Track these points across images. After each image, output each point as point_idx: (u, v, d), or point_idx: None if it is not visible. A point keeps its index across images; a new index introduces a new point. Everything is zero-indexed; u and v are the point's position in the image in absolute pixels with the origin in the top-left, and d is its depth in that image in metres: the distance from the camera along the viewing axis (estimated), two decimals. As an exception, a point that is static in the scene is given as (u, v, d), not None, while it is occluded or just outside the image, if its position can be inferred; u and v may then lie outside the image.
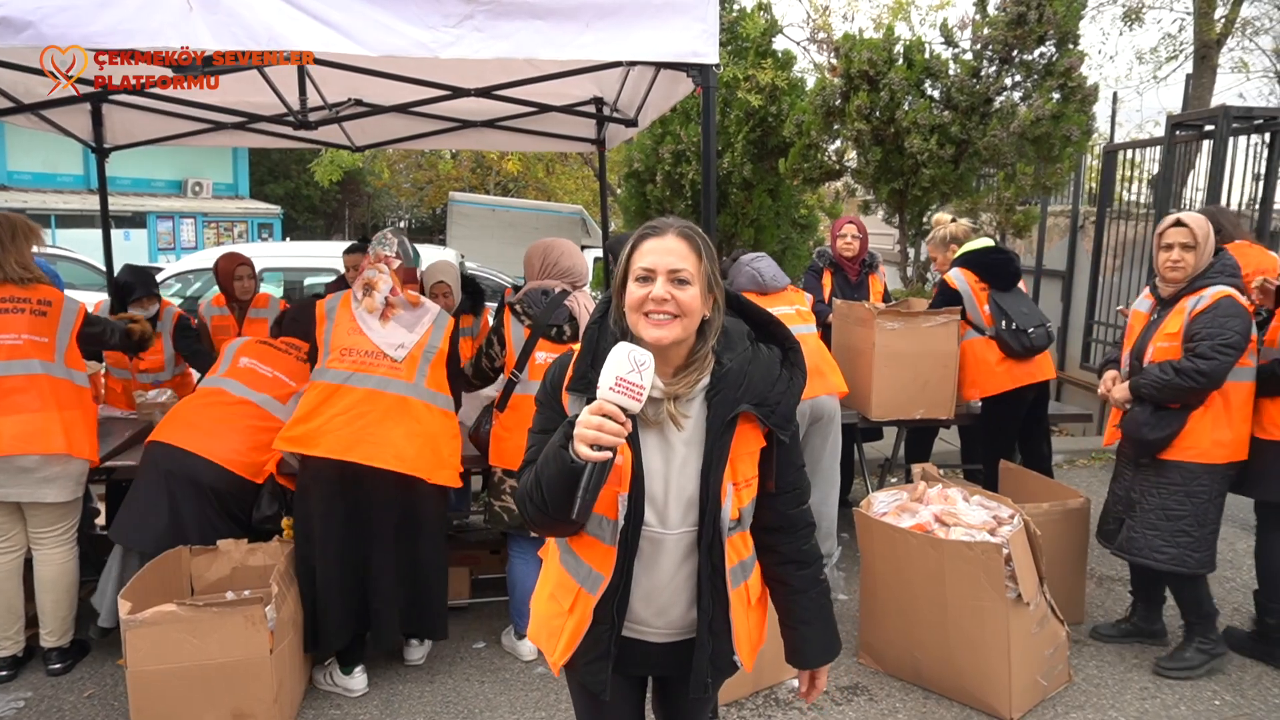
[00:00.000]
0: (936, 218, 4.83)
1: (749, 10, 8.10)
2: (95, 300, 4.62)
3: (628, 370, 1.44)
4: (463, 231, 14.16)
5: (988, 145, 6.26)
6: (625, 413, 1.43)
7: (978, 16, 6.70)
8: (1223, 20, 11.96)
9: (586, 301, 3.33)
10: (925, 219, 7.19)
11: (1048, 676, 3.17)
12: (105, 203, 5.18)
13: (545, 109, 4.74)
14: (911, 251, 7.49)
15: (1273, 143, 6.33)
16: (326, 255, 7.93)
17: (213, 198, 20.07)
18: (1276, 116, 6.36)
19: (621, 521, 1.59)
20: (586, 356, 1.61)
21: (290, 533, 3.21)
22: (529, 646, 3.46)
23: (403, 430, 3.03)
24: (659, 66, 3.34)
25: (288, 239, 18.30)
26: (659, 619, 1.69)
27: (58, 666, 3.32)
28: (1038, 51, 6.45)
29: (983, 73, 6.51)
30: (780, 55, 7.99)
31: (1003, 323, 4.24)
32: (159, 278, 5.83)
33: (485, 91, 4.32)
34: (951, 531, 3.11)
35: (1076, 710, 3.14)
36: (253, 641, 2.78)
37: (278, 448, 3.12)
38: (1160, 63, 16.17)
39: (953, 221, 4.66)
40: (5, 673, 3.26)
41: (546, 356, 3.22)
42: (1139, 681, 3.33)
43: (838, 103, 6.70)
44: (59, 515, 3.30)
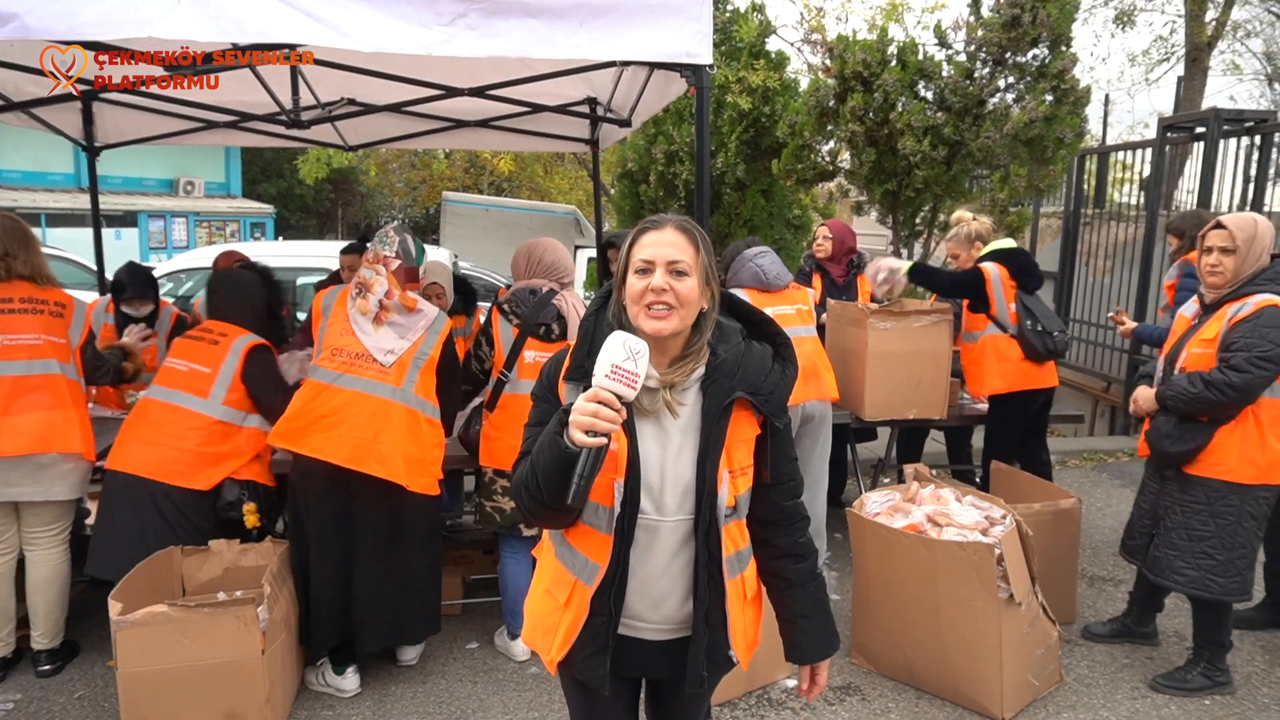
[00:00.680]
0: (957, 215, 4.71)
1: (743, 11, 8.11)
2: (88, 300, 4.59)
3: (623, 358, 1.47)
4: (456, 231, 14.11)
5: (981, 147, 6.27)
6: (620, 400, 1.46)
7: (971, 18, 6.71)
8: (1214, 23, 12.04)
9: (574, 300, 3.32)
10: (918, 220, 7.20)
11: (1039, 676, 3.18)
12: (96, 201, 5.16)
13: (539, 109, 4.74)
14: (904, 252, 7.50)
15: (1263, 145, 6.36)
16: (319, 255, 7.90)
17: (205, 197, 19.96)
18: (1267, 119, 6.40)
19: (618, 509, 1.60)
20: (583, 346, 1.64)
21: (254, 519, 3.22)
22: (522, 647, 3.46)
23: (388, 435, 2.99)
24: (653, 67, 3.34)
25: (280, 238, 18.22)
26: (655, 612, 1.69)
27: (48, 668, 3.30)
28: (1031, 53, 6.46)
29: (976, 74, 6.52)
30: (774, 56, 8.00)
31: (1028, 322, 4.20)
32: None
33: (479, 91, 4.31)
34: (944, 532, 3.12)
35: (1068, 710, 3.15)
36: (244, 642, 2.77)
37: (271, 443, 3.12)
38: (1152, 65, 16.29)
39: (974, 220, 4.56)
40: None
41: (535, 356, 3.21)
42: (1130, 681, 3.34)
43: (831, 104, 6.71)
44: (57, 515, 3.30)
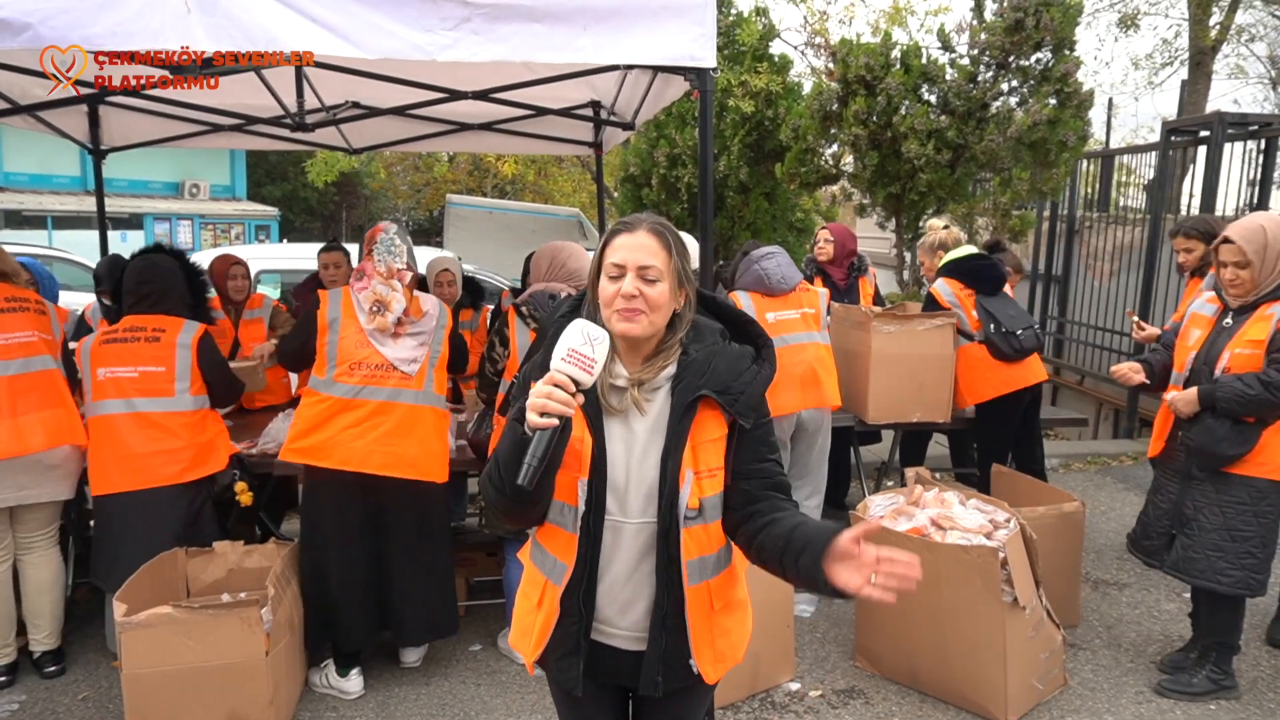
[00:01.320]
0: (930, 224, 4.82)
1: (746, 15, 8.13)
2: (88, 301, 4.61)
3: (580, 343, 1.49)
4: (460, 234, 14.12)
5: (984, 150, 6.28)
6: (578, 385, 1.48)
7: (975, 22, 6.73)
8: (1218, 27, 12.02)
9: None
10: (921, 223, 7.21)
11: (1043, 680, 3.18)
12: (102, 204, 5.18)
13: (542, 112, 4.74)
14: (908, 255, 7.50)
15: (1267, 149, 6.35)
16: None
17: (210, 199, 20.04)
18: (1271, 122, 6.39)
19: (582, 507, 1.60)
20: (551, 344, 1.61)
21: (247, 497, 3.22)
22: (525, 650, 3.46)
23: (414, 438, 3.08)
24: (656, 70, 3.34)
25: (285, 241, 18.27)
26: (623, 618, 1.68)
27: (53, 669, 3.31)
28: (1034, 57, 6.48)
29: (980, 78, 6.53)
30: (777, 60, 8.01)
31: (990, 326, 4.26)
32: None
33: (482, 94, 4.32)
34: (948, 535, 3.12)
35: (1072, 714, 3.14)
36: (248, 644, 2.77)
37: (285, 459, 3.08)
38: (1156, 68, 16.28)
39: (944, 229, 4.67)
40: (3, 679, 3.25)
41: None
42: (1134, 686, 3.33)
43: (835, 107, 6.72)
44: (53, 515, 3.31)
